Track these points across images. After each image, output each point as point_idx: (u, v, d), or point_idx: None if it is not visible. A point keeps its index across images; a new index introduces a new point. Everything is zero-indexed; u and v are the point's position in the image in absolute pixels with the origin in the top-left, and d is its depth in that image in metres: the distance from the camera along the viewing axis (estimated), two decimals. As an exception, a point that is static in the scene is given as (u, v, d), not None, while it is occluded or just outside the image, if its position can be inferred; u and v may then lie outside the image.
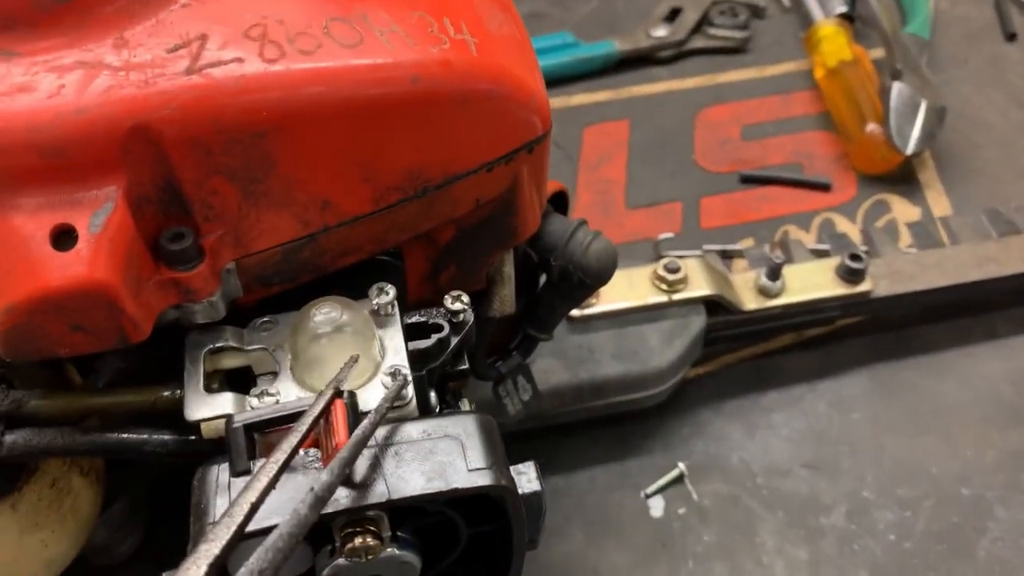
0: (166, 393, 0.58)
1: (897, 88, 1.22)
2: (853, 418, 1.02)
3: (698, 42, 1.47)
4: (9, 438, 0.56)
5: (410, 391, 0.58)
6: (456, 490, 0.54)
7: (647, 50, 1.45)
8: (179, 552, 0.71)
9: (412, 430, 0.56)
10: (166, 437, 0.58)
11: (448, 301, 0.63)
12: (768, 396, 1.04)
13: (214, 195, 0.55)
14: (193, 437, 0.58)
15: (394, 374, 0.57)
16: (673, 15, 1.49)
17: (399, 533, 0.59)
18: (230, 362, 0.60)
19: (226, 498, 0.53)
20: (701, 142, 1.33)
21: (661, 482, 0.96)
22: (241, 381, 0.61)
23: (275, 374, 0.60)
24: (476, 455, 0.55)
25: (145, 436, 0.58)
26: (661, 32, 1.45)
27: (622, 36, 1.45)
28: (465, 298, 0.64)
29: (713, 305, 0.98)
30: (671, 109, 1.38)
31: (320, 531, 0.56)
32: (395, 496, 0.53)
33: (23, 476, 0.59)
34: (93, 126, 0.51)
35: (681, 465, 0.97)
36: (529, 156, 0.67)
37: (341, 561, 0.55)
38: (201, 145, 0.53)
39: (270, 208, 0.57)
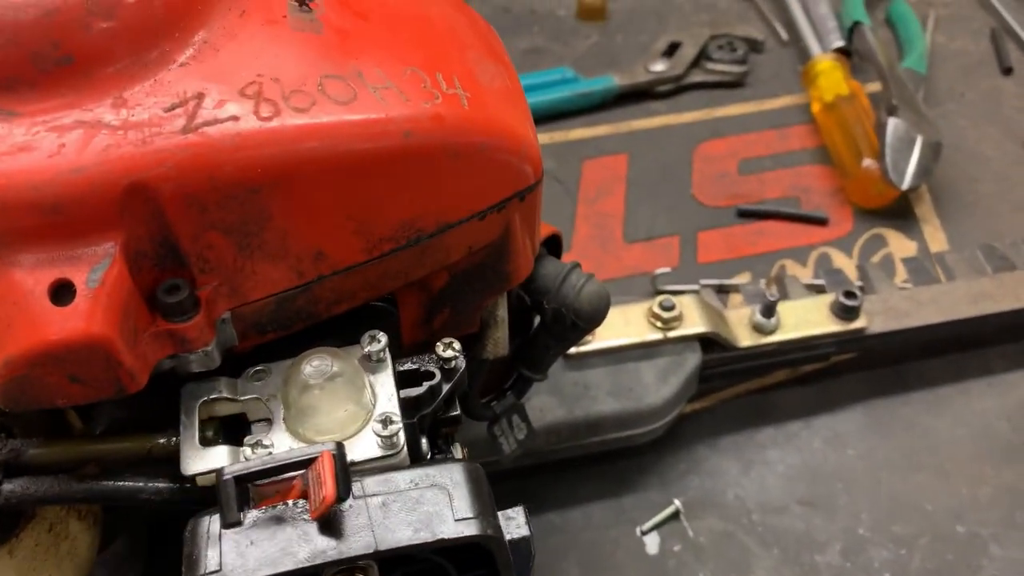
0: (161, 440, 0.59)
1: (893, 124, 1.24)
2: (848, 454, 1.03)
3: (696, 76, 1.48)
4: (7, 487, 0.57)
5: (401, 439, 0.59)
6: (442, 540, 0.54)
7: (646, 84, 1.46)
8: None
9: (400, 480, 0.57)
10: (161, 485, 0.59)
11: (440, 348, 0.64)
12: (763, 432, 1.05)
13: (210, 249, 0.56)
14: (188, 485, 0.59)
15: (385, 421, 0.58)
16: (672, 50, 1.50)
17: (392, 581, 0.60)
18: (224, 410, 0.61)
19: (216, 549, 0.54)
20: (699, 176, 1.34)
21: (657, 519, 0.97)
22: (236, 426, 0.62)
23: (269, 421, 0.61)
24: (463, 504, 0.56)
25: (141, 484, 0.59)
26: (660, 67, 1.47)
27: (621, 71, 1.47)
28: (456, 345, 0.65)
29: (708, 342, 0.99)
30: (669, 143, 1.39)
31: (312, 578, 0.57)
32: (382, 547, 0.54)
33: (20, 522, 0.60)
34: (91, 184, 0.52)
35: (677, 502, 0.98)
36: (521, 204, 0.68)
37: (333, 609, 0.56)
38: (197, 202, 0.54)
39: (265, 260, 0.59)
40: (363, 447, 0.59)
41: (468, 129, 0.62)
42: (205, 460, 0.57)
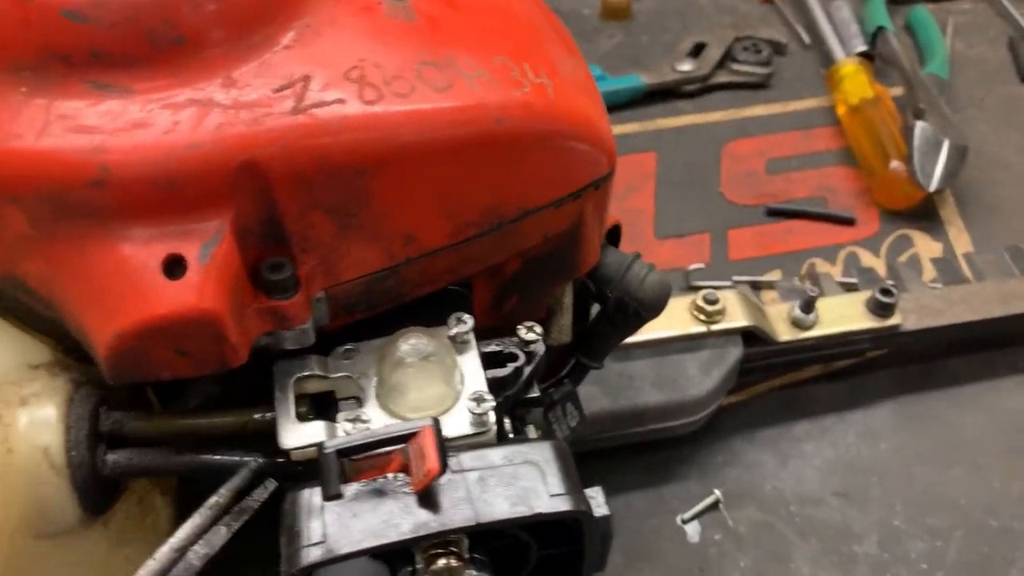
0: (257, 416, 0.60)
1: (920, 127, 1.26)
2: (881, 448, 1.05)
3: (722, 77, 1.50)
4: (111, 457, 0.58)
5: (492, 417, 0.60)
6: (540, 515, 0.56)
7: (672, 84, 1.48)
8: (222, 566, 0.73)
9: (494, 456, 0.58)
10: (257, 460, 0.60)
11: (522, 331, 0.66)
12: (798, 426, 1.07)
13: (312, 228, 0.58)
14: (281, 460, 0.60)
15: (478, 399, 0.60)
16: (697, 50, 1.52)
17: (475, 555, 0.61)
18: (314, 387, 0.62)
19: (319, 521, 0.55)
20: (727, 174, 1.36)
21: (697, 508, 0.99)
22: (323, 403, 0.64)
23: (357, 399, 0.63)
24: (555, 481, 0.58)
25: (237, 458, 0.60)
26: (686, 67, 1.49)
27: (647, 70, 1.49)
28: (538, 328, 0.66)
29: (748, 336, 1.01)
30: (697, 142, 1.41)
31: (398, 553, 0.58)
32: (483, 520, 0.55)
33: (117, 494, 0.61)
34: (206, 161, 0.53)
35: (717, 492, 0.99)
36: (595, 193, 0.70)
37: (423, 582, 0.57)
38: (304, 181, 0.56)
39: (360, 241, 0.60)
40: (455, 424, 0.60)
41: (554, 117, 0.63)
42: (302, 434, 0.59)
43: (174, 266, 0.53)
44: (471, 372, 0.63)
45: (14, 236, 0.55)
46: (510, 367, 0.64)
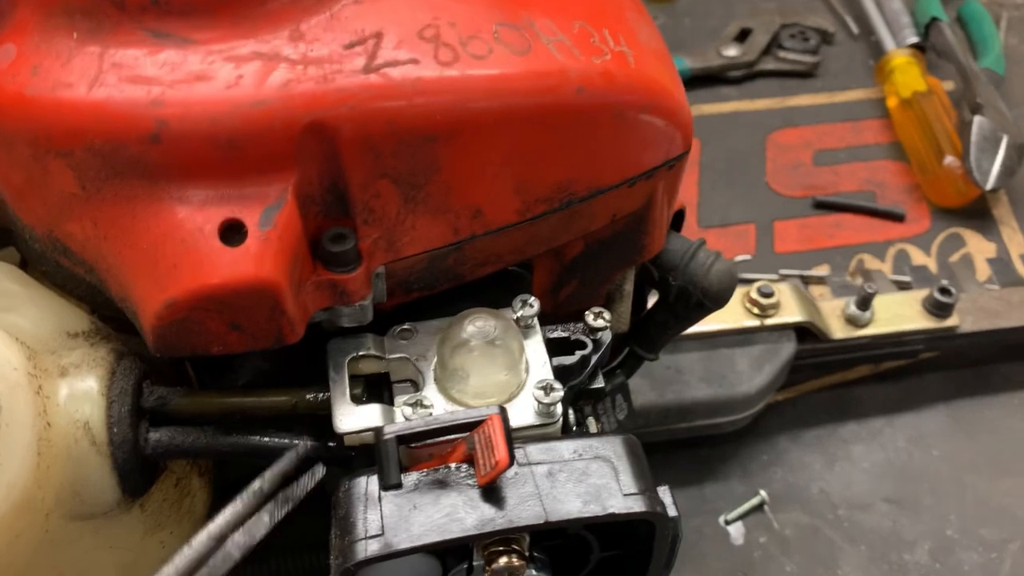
0: (308, 396, 0.56)
1: (979, 122, 1.22)
2: (933, 455, 1.01)
3: (768, 64, 1.46)
4: (154, 436, 0.54)
5: (559, 408, 0.56)
6: (613, 515, 0.52)
7: (717, 69, 1.44)
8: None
9: (563, 449, 0.54)
10: (307, 443, 0.56)
11: (590, 318, 0.62)
12: (847, 427, 1.03)
13: (376, 198, 0.54)
14: (332, 444, 0.56)
15: (546, 388, 0.56)
16: (743, 35, 1.48)
17: (534, 553, 0.57)
18: (369, 368, 0.58)
19: (376, 512, 0.51)
20: (772, 164, 1.32)
21: (742, 509, 0.95)
22: (376, 386, 0.60)
23: (413, 382, 0.59)
24: (628, 479, 0.54)
25: (285, 441, 0.56)
26: (732, 52, 1.44)
27: (692, 54, 1.44)
28: (607, 315, 0.62)
29: (801, 332, 0.97)
30: (742, 130, 1.37)
31: (452, 549, 0.54)
32: (553, 518, 0.51)
33: (156, 475, 0.57)
34: (271, 120, 0.49)
35: (763, 492, 0.96)
36: (668, 173, 0.66)
37: (484, 580, 0.53)
38: (373, 146, 0.51)
39: (426, 213, 0.56)
40: (519, 414, 0.56)
41: (635, 88, 0.59)
42: (358, 418, 0.55)
43: (232, 232, 0.49)
44: (536, 358, 0.59)
45: (59, 194, 0.51)
46: (577, 355, 0.60)
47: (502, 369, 0.56)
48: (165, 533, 0.59)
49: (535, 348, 0.60)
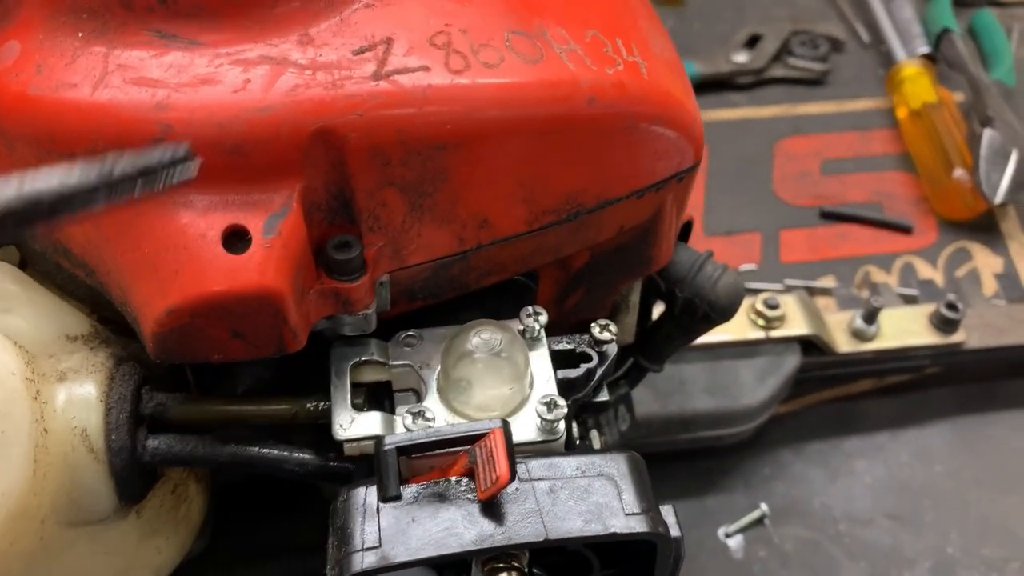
0: (309, 405, 0.55)
1: (989, 135, 1.21)
2: (936, 471, 1.00)
3: (777, 71, 1.45)
4: (152, 443, 0.53)
5: (563, 425, 0.55)
6: (614, 534, 0.51)
7: (727, 75, 1.43)
8: (245, 556, 0.68)
9: (566, 466, 0.53)
10: (305, 456, 0.55)
11: (595, 330, 0.61)
12: (850, 441, 1.02)
13: (383, 206, 0.53)
14: (332, 456, 0.56)
15: (550, 404, 0.55)
16: (753, 41, 1.47)
17: (534, 570, 0.57)
18: (371, 376, 0.58)
19: (374, 523, 0.50)
20: (780, 173, 1.31)
21: (742, 522, 0.94)
22: (378, 395, 0.59)
23: (415, 391, 0.58)
24: (631, 498, 0.53)
25: (285, 453, 0.55)
26: (741, 58, 1.43)
27: (702, 59, 1.43)
28: (613, 327, 0.61)
29: (806, 345, 0.96)
30: (750, 137, 1.36)
31: (452, 564, 0.54)
32: (553, 536, 0.50)
33: (153, 482, 0.56)
34: (278, 126, 0.48)
35: (764, 506, 0.95)
36: (677, 185, 0.65)
37: (482, 597, 0.53)
38: (381, 154, 0.51)
39: (432, 223, 0.55)
40: (522, 428, 0.56)
41: (647, 100, 0.58)
42: (358, 426, 0.54)
43: (236, 239, 0.49)
44: (540, 371, 0.58)
45: (61, 195, 0.50)
46: (583, 368, 0.59)
47: (506, 382, 0.56)
48: (161, 539, 0.59)
49: (540, 361, 0.59)
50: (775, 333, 0.94)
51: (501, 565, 0.52)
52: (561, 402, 0.55)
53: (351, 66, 0.50)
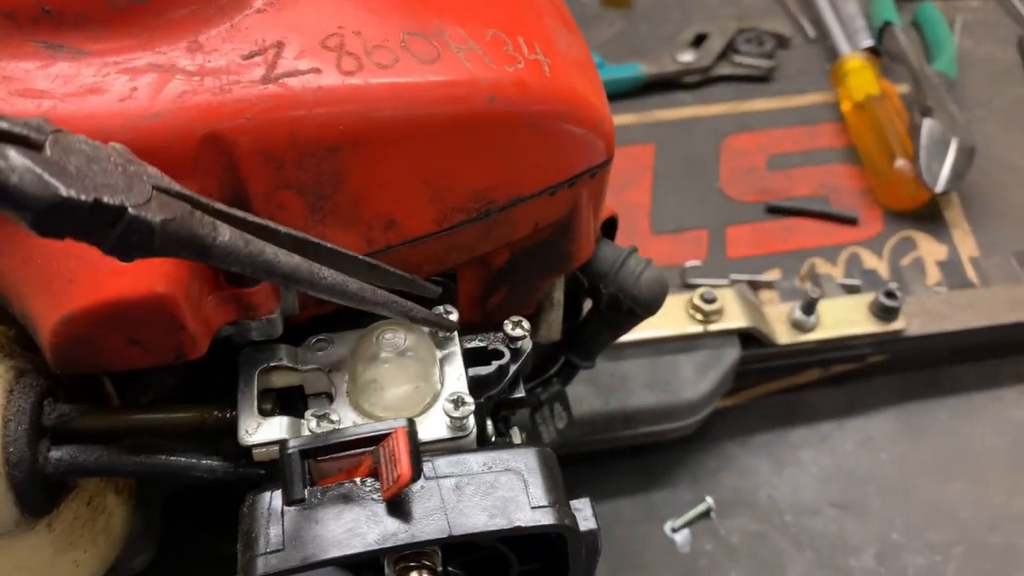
0: (217, 412, 0.55)
1: (928, 125, 1.22)
2: (881, 458, 1.01)
3: (723, 69, 1.46)
4: (55, 454, 0.53)
5: (471, 421, 0.55)
6: (519, 528, 0.51)
7: (673, 75, 1.43)
8: (191, 569, 0.68)
9: (472, 462, 0.54)
10: (214, 462, 0.55)
11: (508, 327, 0.61)
12: (795, 432, 1.03)
13: (281, 209, 0.53)
14: (243, 461, 0.56)
15: (456, 402, 0.55)
16: (699, 40, 1.48)
17: (450, 568, 0.57)
18: (282, 381, 0.58)
19: (279, 527, 0.50)
20: (727, 169, 1.32)
21: (688, 516, 0.94)
22: (291, 400, 0.59)
23: (328, 395, 0.58)
24: (538, 491, 0.53)
25: (193, 460, 0.55)
26: (687, 57, 1.44)
27: (647, 59, 1.44)
28: (525, 324, 0.61)
29: (746, 337, 0.97)
30: (696, 135, 1.37)
31: (367, 564, 0.54)
32: (456, 532, 0.50)
33: (62, 493, 0.56)
34: (166, 133, 0.48)
35: (710, 499, 0.95)
36: (591, 181, 0.65)
37: (394, 596, 0.53)
38: (274, 158, 0.51)
39: (336, 224, 0.55)
40: (431, 427, 0.56)
41: (550, 98, 0.59)
42: (264, 431, 0.54)
43: (127, 246, 0.48)
44: (452, 370, 0.58)
45: (-49, 210, 0.50)
46: (494, 365, 0.59)
47: (414, 381, 0.56)
48: (79, 552, 0.58)
49: (451, 359, 0.59)
50: (713, 327, 0.94)
51: (412, 564, 0.52)
52: (469, 399, 0.55)
53: (240, 71, 0.50)
